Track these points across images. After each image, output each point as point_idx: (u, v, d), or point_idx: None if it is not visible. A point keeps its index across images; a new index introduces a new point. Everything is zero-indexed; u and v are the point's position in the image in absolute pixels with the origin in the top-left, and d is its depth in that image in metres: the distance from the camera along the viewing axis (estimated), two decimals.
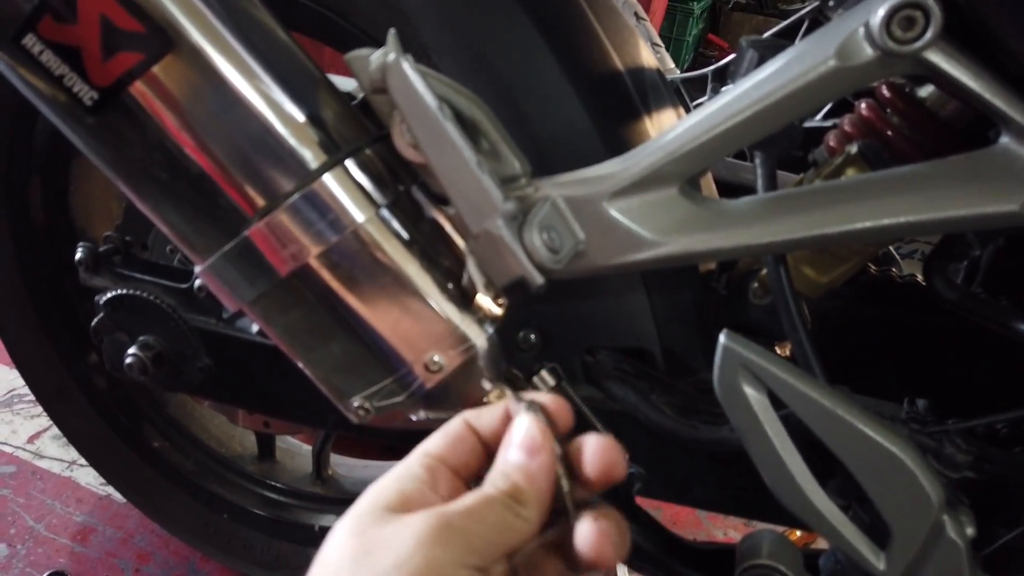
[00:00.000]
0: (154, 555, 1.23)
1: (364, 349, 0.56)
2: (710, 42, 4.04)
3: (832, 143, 0.73)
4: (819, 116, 0.99)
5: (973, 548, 0.60)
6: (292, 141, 0.52)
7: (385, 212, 0.54)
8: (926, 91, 0.69)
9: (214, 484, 1.16)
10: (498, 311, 0.58)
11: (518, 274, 0.52)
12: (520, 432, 0.43)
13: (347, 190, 0.53)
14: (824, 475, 0.61)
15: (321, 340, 0.57)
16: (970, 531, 0.58)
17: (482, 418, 0.46)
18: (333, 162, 0.52)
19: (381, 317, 0.55)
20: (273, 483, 1.16)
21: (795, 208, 0.54)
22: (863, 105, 0.70)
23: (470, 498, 0.40)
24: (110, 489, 1.29)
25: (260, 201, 0.52)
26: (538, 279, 0.52)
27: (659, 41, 1.25)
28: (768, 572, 0.62)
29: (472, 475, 0.45)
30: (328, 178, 0.52)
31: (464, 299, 0.57)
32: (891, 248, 0.97)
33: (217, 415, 1.20)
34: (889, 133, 0.68)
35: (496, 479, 0.41)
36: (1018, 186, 0.50)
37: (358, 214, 0.53)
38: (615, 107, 0.72)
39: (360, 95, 0.73)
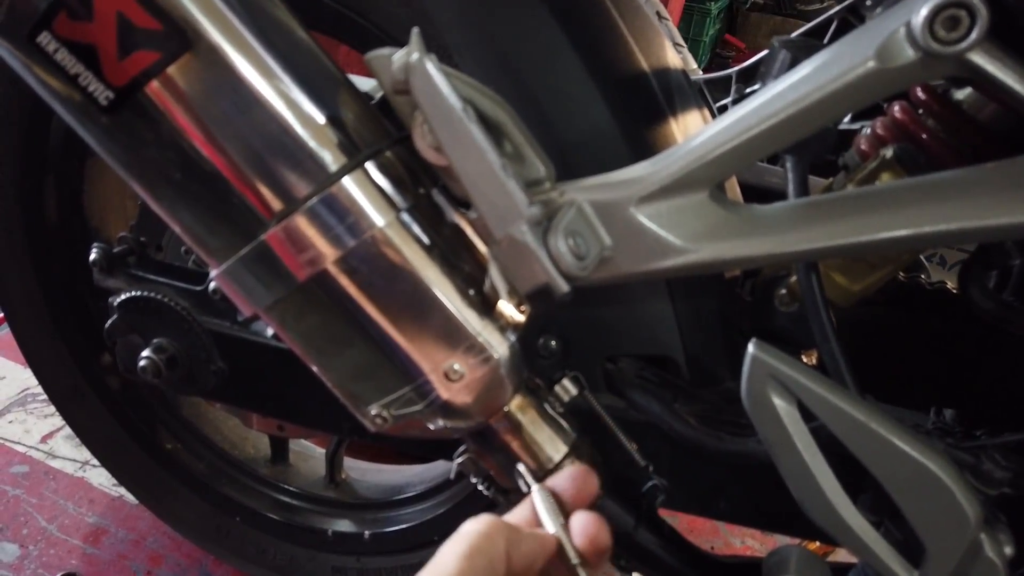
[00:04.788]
0: (166, 558, 1.23)
1: (382, 357, 0.55)
2: (727, 43, 4.00)
3: (864, 147, 0.71)
4: (847, 118, 0.97)
5: (1010, 567, 0.57)
6: (311, 143, 0.51)
7: (405, 216, 0.53)
8: (963, 93, 0.67)
9: (227, 487, 1.15)
10: (520, 318, 0.57)
11: (543, 281, 0.50)
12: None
13: (367, 193, 0.51)
14: (855, 490, 0.59)
15: (339, 347, 0.55)
16: (1008, 550, 0.56)
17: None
18: (353, 165, 0.51)
19: (400, 324, 0.53)
20: (286, 486, 1.15)
21: (830, 214, 0.52)
22: (896, 108, 0.68)
23: None
24: (123, 490, 1.28)
25: (278, 204, 0.51)
26: (563, 286, 0.50)
27: (681, 41, 1.23)
28: None
29: None
30: (348, 181, 0.51)
31: (485, 306, 0.55)
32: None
33: (230, 417, 1.19)
34: (924, 137, 0.66)
35: None
36: None
37: (378, 218, 0.51)
38: (641, 109, 0.70)
39: (378, 95, 0.72)
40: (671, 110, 0.71)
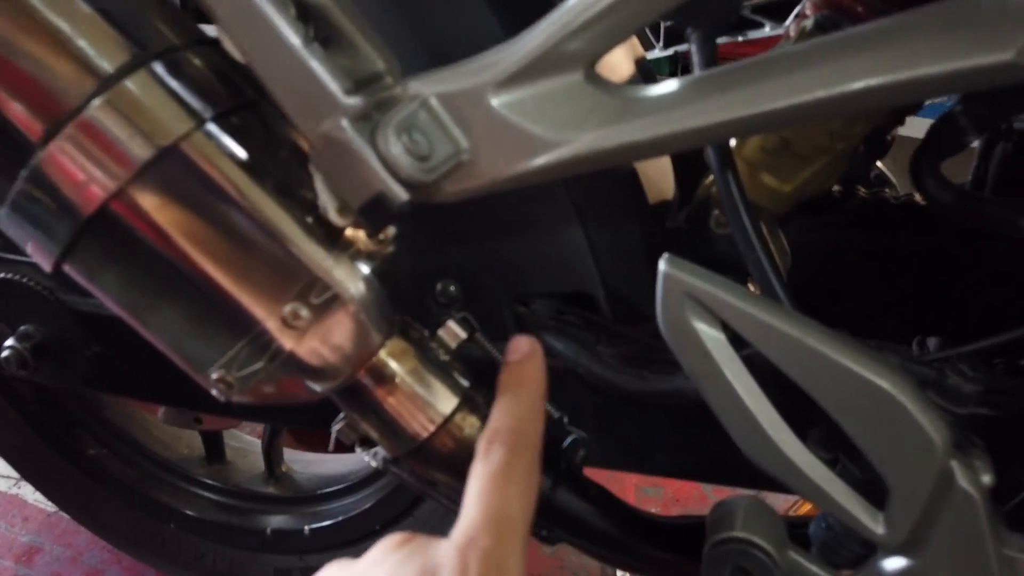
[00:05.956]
0: (105, 573, 1.14)
1: (207, 305, 0.45)
2: None
3: (791, 32, 0.61)
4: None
5: (993, 500, 0.48)
6: (80, 40, 0.41)
7: (212, 127, 0.43)
8: None
9: (159, 491, 1.06)
10: (375, 248, 0.47)
11: (377, 189, 0.40)
12: None
13: (157, 99, 0.41)
14: (803, 425, 0.49)
15: (156, 298, 0.46)
16: (987, 478, 0.46)
17: None
18: (135, 64, 0.41)
19: (220, 261, 0.44)
20: (221, 486, 1.06)
21: (732, 84, 0.42)
22: None
23: None
24: None
25: (48, 119, 0.41)
26: (400, 194, 0.40)
27: None
28: (742, 547, 0.51)
29: None
30: (130, 84, 0.41)
31: (330, 236, 0.45)
32: (882, 168, 0.85)
33: None
34: (860, 9, 0.56)
35: None
36: (1012, 30, 0.38)
37: (174, 127, 0.42)
38: (531, 12, 0.60)
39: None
40: None
